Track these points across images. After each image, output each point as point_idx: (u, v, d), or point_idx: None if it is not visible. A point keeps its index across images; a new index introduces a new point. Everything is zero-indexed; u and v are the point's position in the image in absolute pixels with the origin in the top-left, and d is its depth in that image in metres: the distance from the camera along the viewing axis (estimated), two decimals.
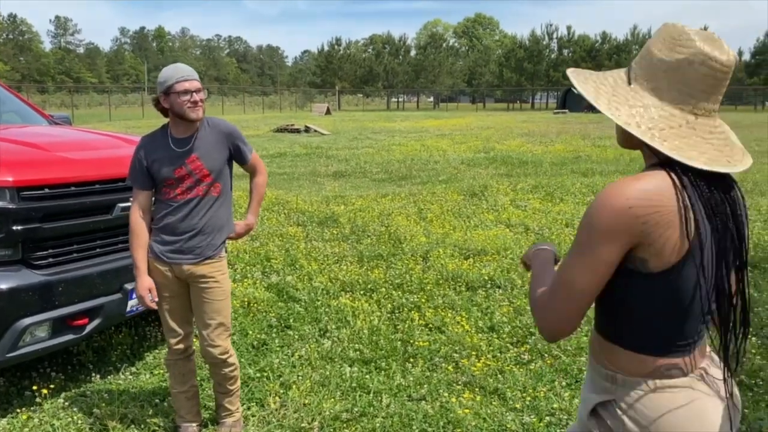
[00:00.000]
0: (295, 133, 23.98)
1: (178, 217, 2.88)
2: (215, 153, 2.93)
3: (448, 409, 3.34)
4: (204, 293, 2.96)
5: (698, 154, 1.27)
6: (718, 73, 1.27)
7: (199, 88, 2.83)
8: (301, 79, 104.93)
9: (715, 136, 1.31)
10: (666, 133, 1.29)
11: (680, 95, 1.30)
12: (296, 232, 7.32)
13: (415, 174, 12.41)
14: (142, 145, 2.92)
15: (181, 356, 3.05)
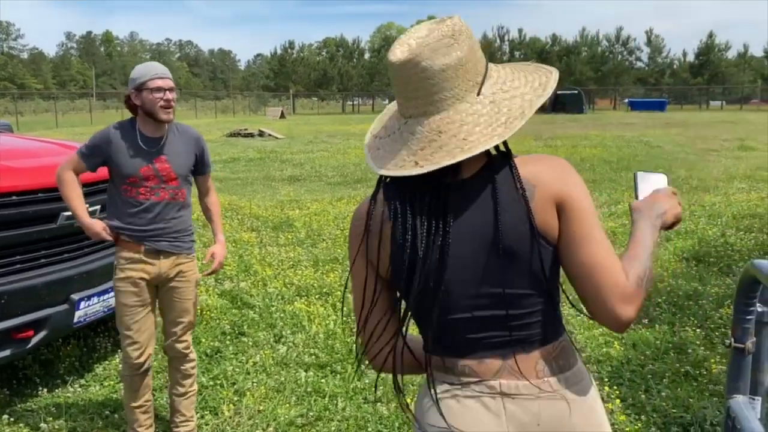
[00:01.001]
0: (249, 138, 23.76)
1: (147, 215, 2.83)
2: (183, 158, 2.91)
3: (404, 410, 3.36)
4: (182, 292, 2.97)
5: (387, 159, 1.23)
6: (395, 73, 1.21)
7: (172, 87, 2.80)
8: (254, 82, 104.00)
9: (419, 137, 1.20)
10: (383, 140, 1.27)
11: (398, 102, 1.27)
12: (250, 238, 7.25)
13: (370, 177, 12.43)
14: (112, 133, 2.83)
15: (139, 371, 2.95)
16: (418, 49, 1.17)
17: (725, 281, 5.37)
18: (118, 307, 2.91)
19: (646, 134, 21.98)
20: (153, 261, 2.87)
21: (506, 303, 1.22)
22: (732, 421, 1.49)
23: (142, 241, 2.84)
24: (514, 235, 1.19)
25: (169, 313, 3.01)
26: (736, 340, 1.49)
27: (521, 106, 1.20)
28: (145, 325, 2.92)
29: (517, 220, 1.19)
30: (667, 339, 4.21)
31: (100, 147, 2.82)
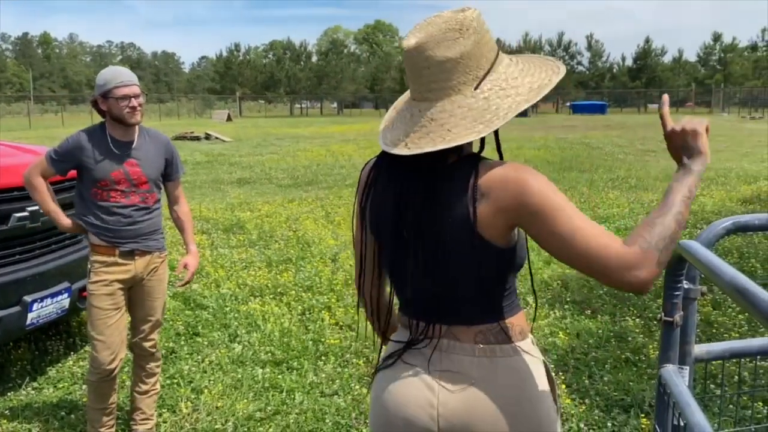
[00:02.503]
0: (195, 141, 23.46)
1: (117, 218, 2.85)
2: (154, 162, 2.95)
3: (360, 401, 3.46)
4: (153, 290, 3.01)
5: (391, 137, 1.35)
6: (408, 60, 1.30)
7: (137, 93, 2.82)
8: (199, 85, 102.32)
9: (421, 119, 1.30)
10: (395, 119, 1.40)
11: (410, 85, 1.36)
12: (201, 240, 7.23)
13: (321, 179, 12.49)
14: (81, 137, 2.84)
15: (108, 377, 2.93)
16: (425, 39, 1.25)
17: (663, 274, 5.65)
18: (91, 311, 2.89)
19: (587, 136, 22.68)
20: (127, 263, 2.90)
21: (458, 287, 1.36)
22: (663, 387, 1.64)
23: (115, 243, 2.86)
24: (457, 231, 1.30)
25: (139, 311, 3.03)
26: (666, 314, 1.65)
27: (509, 106, 1.27)
28: (118, 330, 2.92)
29: (463, 218, 1.29)
30: (609, 328, 4.43)
31: (71, 152, 2.82)
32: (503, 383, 1.33)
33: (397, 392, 1.40)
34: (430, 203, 1.32)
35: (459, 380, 1.34)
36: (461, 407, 1.33)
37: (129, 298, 3.00)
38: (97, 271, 2.87)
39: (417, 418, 1.37)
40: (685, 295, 1.65)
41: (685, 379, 1.66)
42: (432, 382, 1.36)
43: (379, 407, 1.45)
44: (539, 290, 5.35)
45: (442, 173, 1.32)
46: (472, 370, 1.34)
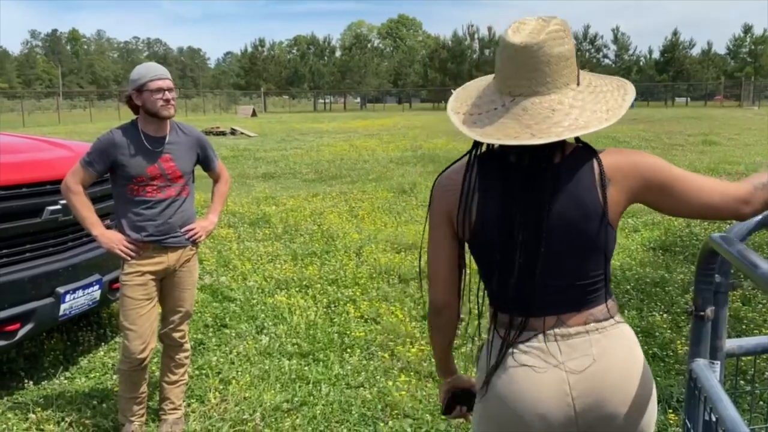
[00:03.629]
0: (221, 136, 23.66)
1: (154, 212, 2.91)
2: (187, 156, 3.02)
3: (386, 393, 3.48)
4: (183, 281, 3.06)
5: (494, 130, 1.39)
6: (514, 57, 1.36)
7: (170, 87, 2.89)
8: (224, 81, 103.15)
9: (531, 114, 1.36)
10: (483, 116, 1.43)
11: (499, 80, 1.43)
12: (228, 234, 7.31)
13: (345, 173, 12.53)
14: (114, 136, 2.89)
15: (139, 366, 3.00)
16: (540, 36, 1.34)
17: (690, 269, 5.59)
18: (123, 301, 2.94)
19: (614, 130, 22.40)
20: (161, 256, 2.96)
21: (575, 275, 1.45)
22: (694, 382, 1.63)
23: (150, 237, 2.91)
24: (586, 219, 1.40)
25: (169, 302, 3.09)
26: (697, 308, 1.63)
27: (615, 99, 1.41)
28: (150, 320, 2.98)
29: (593, 205, 1.40)
30: (636, 323, 4.39)
31: (106, 151, 2.87)
32: (619, 353, 1.46)
33: (528, 390, 1.44)
34: (555, 195, 1.40)
35: (581, 362, 1.44)
36: (591, 385, 1.43)
37: (160, 290, 3.05)
38: (130, 263, 2.92)
39: (555, 410, 1.43)
40: (716, 289, 1.63)
41: (717, 373, 1.65)
42: (558, 371, 1.43)
43: (508, 408, 1.47)
44: None
45: (562, 165, 1.41)
46: (591, 349, 1.45)
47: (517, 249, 1.43)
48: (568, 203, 1.40)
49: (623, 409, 1.46)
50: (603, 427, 1.48)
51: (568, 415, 1.44)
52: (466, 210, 1.46)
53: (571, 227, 1.41)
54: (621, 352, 1.47)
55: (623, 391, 1.45)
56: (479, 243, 1.49)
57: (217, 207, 3.28)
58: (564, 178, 1.40)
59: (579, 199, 1.40)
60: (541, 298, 1.45)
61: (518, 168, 1.43)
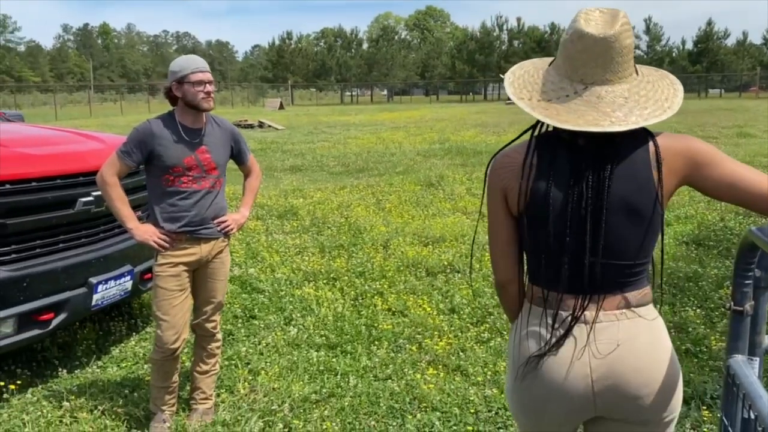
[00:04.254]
0: (249, 129, 23.82)
1: (189, 203, 2.94)
2: (222, 149, 3.06)
3: (414, 386, 3.47)
4: (215, 272, 3.11)
5: (576, 118, 1.45)
6: (590, 48, 1.44)
7: (211, 79, 2.93)
8: (252, 74, 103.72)
9: (606, 101, 1.46)
10: (553, 102, 1.49)
11: (569, 69, 1.49)
12: (256, 226, 7.36)
13: (372, 166, 12.52)
14: (152, 126, 2.92)
15: (171, 356, 3.04)
16: (615, 28, 1.43)
17: (724, 263, 5.48)
18: (156, 292, 2.98)
19: None
20: (195, 248, 2.99)
21: (624, 255, 1.52)
22: (731, 378, 1.59)
23: (184, 228, 2.95)
24: (642, 200, 1.48)
25: (202, 293, 3.13)
26: (736, 303, 1.59)
27: (668, 89, 1.53)
28: (183, 310, 3.02)
29: (648, 186, 1.48)
30: (668, 318, 4.32)
31: (144, 141, 2.89)
32: (645, 339, 1.53)
33: (556, 370, 1.54)
34: (614, 175, 1.48)
35: (607, 346, 1.51)
36: (612, 368, 1.51)
37: (194, 280, 3.09)
38: (164, 254, 2.95)
39: (575, 390, 1.54)
40: (756, 284, 1.58)
41: (755, 370, 1.60)
42: (585, 353, 1.52)
43: (536, 386, 1.57)
44: None
45: (621, 146, 1.49)
46: (619, 334, 1.52)
47: (572, 227, 1.49)
48: (626, 183, 1.47)
49: (644, 393, 1.52)
50: (621, 411, 1.55)
51: (587, 395, 1.53)
52: (524, 188, 1.52)
53: (628, 207, 1.48)
54: (647, 338, 1.53)
55: (645, 376, 1.51)
56: (534, 220, 1.54)
57: (248, 200, 3.31)
58: (623, 159, 1.48)
59: (636, 179, 1.47)
60: (588, 280, 1.51)
61: (578, 148, 1.50)
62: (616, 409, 1.55)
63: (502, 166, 1.59)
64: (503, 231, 1.62)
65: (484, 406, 3.27)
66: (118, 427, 3.15)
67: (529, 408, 1.62)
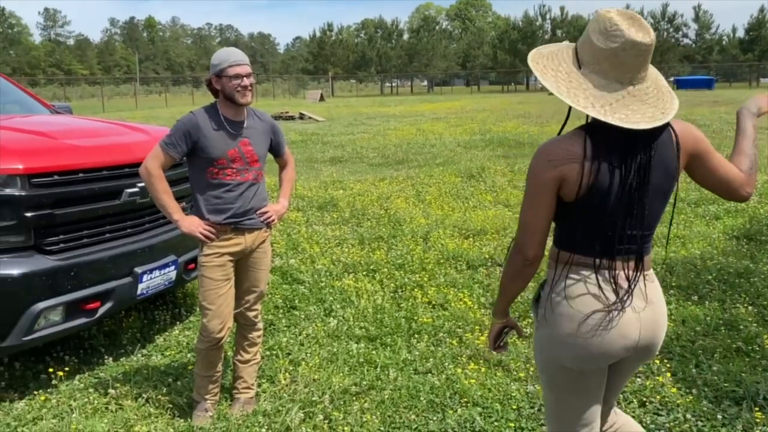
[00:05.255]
0: (290, 121, 23.98)
1: (233, 195, 2.97)
2: (263, 141, 3.09)
3: (454, 380, 3.44)
4: (258, 262, 3.14)
5: (641, 116, 1.67)
6: (644, 53, 1.67)
7: (249, 73, 2.93)
8: (293, 66, 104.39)
9: (650, 95, 1.72)
10: (614, 106, 1.68)
11: (620, 73, 1.69)
12: (297, 217, 7.39)
13: (411, 158, 12.47)
14: (196, 118, 2.95)
15: (216, 345, 3.08)
16: (651, 31, 1.68)
17: None
18: (202, 281, 3.02)
19: (693, 112, 21.44)
20: (239, 238, 3.02)
21: (651, 227, 1.83)
22: None
23: (229, 220, 2.98)
24: (669, 178, 1.79)
25: (245, 282, 3.16)
26: None
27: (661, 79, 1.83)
28: (228, 300, 3.05)
29: (673, 168, 1.78)
30: (718, 316, 4.19)
31: (188, 133, 2.92)
32: (660, 299, 1.89)
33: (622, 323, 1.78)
34: (653, 161, 1.75)
35: (650, 300, 1.84)
36: (652, 320, 1.84)
37: (237, 270, 3.11)
38: (209, 244, 2.98)
39: (632, 339, 1.81)
40: None
41: None
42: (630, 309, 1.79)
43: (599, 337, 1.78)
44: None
45: (657, 135, 1.76)
46: (654, 290, 1.87)
47: (622, 205, 1.73)
48: (659, 165, 1.76)
49: (660, 339, 1.89)
50: (644, 354, 1.88)
51: (634, 343, 1.82)
52: (586, 174, 1.72)
53: (659, 185, 1.78)
54: (661, 302, 1.90)
55: (663, 326, 1.89)
56: (590, 201, 1.74)
57: (287, 191, 3.32)
58: (659, 145, 1.76)
59: (665, 162, 1.77)
60: (633, 246, 1.79)
61: (628, 139, 1.72)
62: (642, 352, 1.86)
63: (558, 156, 1.74)
64: (546, 213, 1.79)
65: (526, 402, 3.22)
66: (162, 415, 3.20)
67: (583, 357, 1.81)
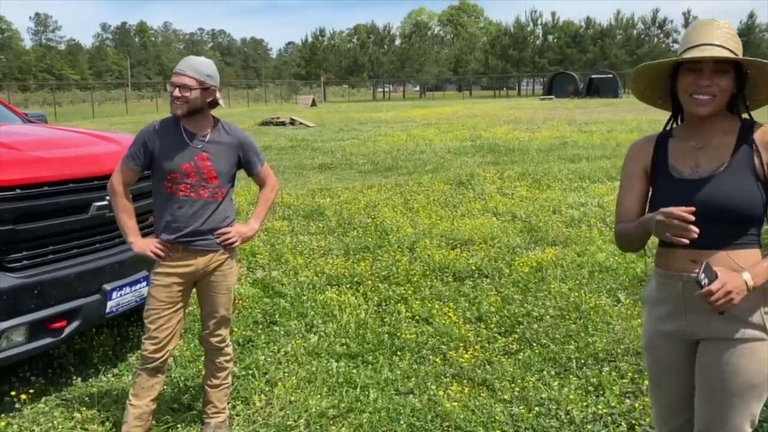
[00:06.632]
0: (281, 126, 23.81)
1: (185, 212, 2.81)
2: (225, 157, 2.88)
3: (436, 402, 3.30)
4: (216, 286, 2.95)
5: None
6: None
7: (183, 83, 2.74)
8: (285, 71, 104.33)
9: None
10: None
11: None
12: (282, 226, 7.25)
13: (401, 164, 12.35)
14: (154, 127, 2.84)
15: (151, 368, 2.91)
16: None
17: None
18: (147, 300, 2.91)
19: None
20: (190, 260, 2.86)
21: None
22: None
23: (180, 238, 2.83)
24: None
25: (205, 306, 3.02)
26: None
27: None
28: (168, 323, 2.89)
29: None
30: None
31: (145, 144, 2.80)
32: None
33: None
34: None
35: None
36: None
37: (197, 293, 2.98)
38: (160, 263, 2.85)
39: None
40: None
41: None
42: None
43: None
44: (631, 286, 5.00)
45: None
46: None
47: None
48: None
49: None
50: None
51: None
52: None
53: None
54: None
55: None
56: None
57: (260, 212, 3.11)
58: None
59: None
60: None
61: None
62: None
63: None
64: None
65: (510, 426, 3.09)
66: None
67: None
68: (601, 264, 5.48)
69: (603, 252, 5.83)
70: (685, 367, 2.02)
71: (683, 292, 1.92)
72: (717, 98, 1.86)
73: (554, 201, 8.23)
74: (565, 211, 7.63)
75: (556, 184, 9.42)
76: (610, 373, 3.55)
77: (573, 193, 8.81)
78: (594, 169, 10.33)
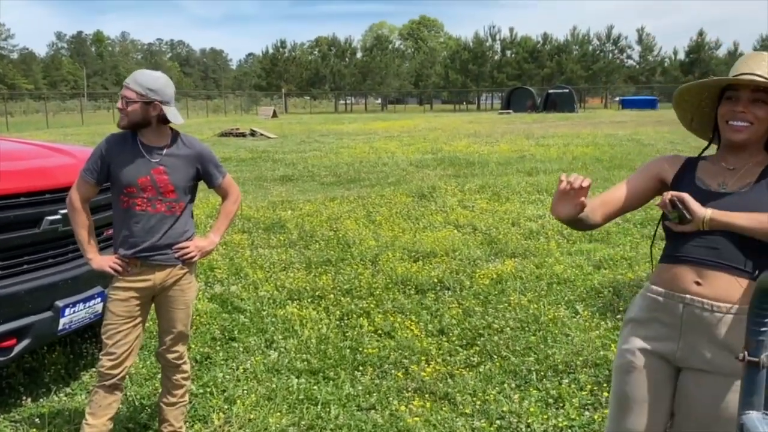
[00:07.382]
0: (241, 137, 23.61)
1: (141, 227, 2.74)
2: (183, 170, 2.81)
3: (398, 417, 3.28)
4: (173, 301, 2.87)
5: None
6: None
7: (124, 95, 2.70)
8: (246, 82, 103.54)
9: None
10: None
11: None
12: (241, 240, 7.15)
13: (363, 177, 12.35)
14: (111, 140, 2.78)
15: (108, 384, 2.82)
16: None
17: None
18: (105, 314, 2.84)
19: (637, 132, 22.00)
20: (147, 275, 2.80)
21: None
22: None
23: (137, 253, 2.76)
24: None
25: (162, 322, 2.95)
26: (750, 353, 1.41)
27: None
28: (126, 339, 2.81)
29: None
30: None
31: (102, 156, 2.74)
32: None
33: None
34: None
35: None
36: None
37: (155, 308, 2.91)
38: (118, 278, 2.78)
39: None
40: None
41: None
42: None
43: None
44: (588, 297, 5.07)
45: None
46: None
47: None
48: None
49: None
50: None
51: None
52: None
53: None
54: None
55: None
56: None
57: (220, 225, 3.04)
58: None
59: None
60: None
61: None
62: None
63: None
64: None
65: None
66: None
67: None
68: (559, 276, 5.55)
69: (561, 264, 5.91)
70: (663, 392, 1.96)
71: (683, 314, 1.88)
72: (753, 126, 1.86)
73: (513, 213, 8.32)
74: (524, 223, 7.72)
75: (514, 197, 9.53)
76: (570, 385, 3.58)
77: (531, 205, 8.92)
78: (551, 182, 10.49)
